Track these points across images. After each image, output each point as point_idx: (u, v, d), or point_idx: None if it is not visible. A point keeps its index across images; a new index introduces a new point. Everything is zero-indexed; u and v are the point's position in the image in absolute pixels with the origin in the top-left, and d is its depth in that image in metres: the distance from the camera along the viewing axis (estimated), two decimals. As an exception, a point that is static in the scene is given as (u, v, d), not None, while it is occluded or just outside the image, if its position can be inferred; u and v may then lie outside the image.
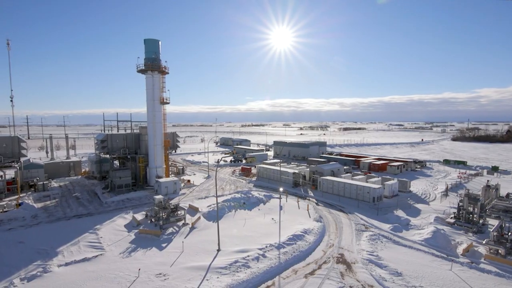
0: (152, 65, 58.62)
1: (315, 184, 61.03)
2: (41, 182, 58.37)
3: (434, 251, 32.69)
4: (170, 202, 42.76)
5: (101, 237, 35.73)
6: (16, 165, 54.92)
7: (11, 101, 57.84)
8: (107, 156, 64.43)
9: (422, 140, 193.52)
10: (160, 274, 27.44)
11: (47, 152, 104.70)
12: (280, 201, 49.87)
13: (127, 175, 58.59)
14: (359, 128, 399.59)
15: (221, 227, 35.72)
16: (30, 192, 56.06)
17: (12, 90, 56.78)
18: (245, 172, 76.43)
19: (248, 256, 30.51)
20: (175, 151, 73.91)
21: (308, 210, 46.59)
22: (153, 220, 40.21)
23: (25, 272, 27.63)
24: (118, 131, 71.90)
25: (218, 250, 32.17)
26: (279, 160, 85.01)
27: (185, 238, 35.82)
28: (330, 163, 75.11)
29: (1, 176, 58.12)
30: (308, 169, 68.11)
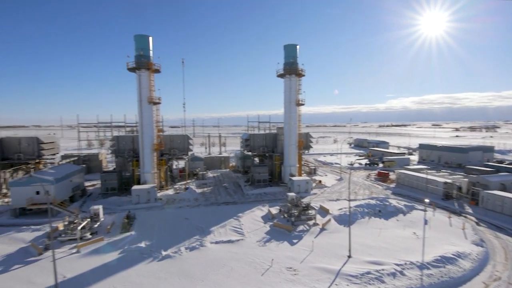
0: (290, 69, 61.98)
1: (475, 198, 49.19)
2: (201, 172, 71.96)
3: None
4: (302, 201, 44.12)
5: (242, 224, 40.65)
6: (185, 158, 69.81)
7: (183, 107, 74.04)
8: (250, 153, 72.69)
9: None
10: (291, 268, 28.80)
11: (205, 148, 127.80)
12: (425, 214, 43.01)
13: (265, 171, 64.50)
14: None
15: (352, 233, 34.08)
16: (193, 179, 69.95)
17: (184, 98, 72.49)
18: (382, 177, 69.96)
19: (383, 269, 27.88)
20: (308, 151, 75.53)
21: (464, 229, 38.20)
22: (285, 215, 42.58)
23: (188, 243, 34.72)
24: (259, 131, 79.90)
25: (349, 256, 30.88)
26: (425, 166, 73.44)
27: (315, 237, 36.19)
28: (500, 174, 58.81)
29: (176, 165, 74.98)
30: (466, 179, 55.71)
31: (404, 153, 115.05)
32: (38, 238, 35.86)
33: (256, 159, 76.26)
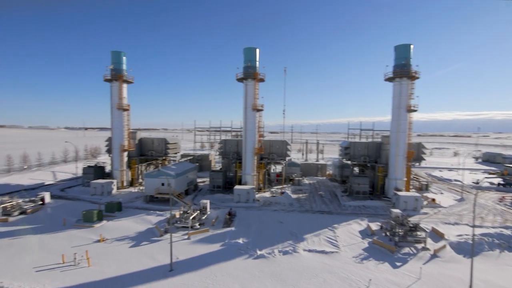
0: (401, 72, 56.31)
1: None
2: (297, 178, 72.38)
3: None
4: (409, 220, 39.26)
5: (338, 236, 38.92)
6: (282, 163, 71.63)
7: (283, 113, 76.44)
8: (349, 162, 69.11)
9: None
10: (391, 293, 25.96)
11: (302, 154, 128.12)
12: None
13: (365, 182, 60.12)
14: None
15: (475, 266, 28.25)
16: (289, 185, 71.03)
17: (284, 105, 74.90)
18: (523, 203, 55.56)
19: (519, 320, 22.14)
20: (419, 164, 66.62)
21: None
22: (387, 233, 38.63)
23: (282, 246, 35.43)
24: (360, 139, 75.23)
25: (469, 294, 25.73)
26: None
27: (423, 264, 31.62)
28: None
29: (273, 169, 77.52)
30: None
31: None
32: (160, 222, 42.96)
33: (356, 169, 71.84)
